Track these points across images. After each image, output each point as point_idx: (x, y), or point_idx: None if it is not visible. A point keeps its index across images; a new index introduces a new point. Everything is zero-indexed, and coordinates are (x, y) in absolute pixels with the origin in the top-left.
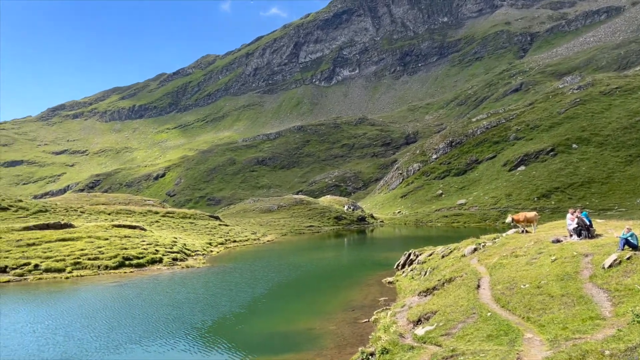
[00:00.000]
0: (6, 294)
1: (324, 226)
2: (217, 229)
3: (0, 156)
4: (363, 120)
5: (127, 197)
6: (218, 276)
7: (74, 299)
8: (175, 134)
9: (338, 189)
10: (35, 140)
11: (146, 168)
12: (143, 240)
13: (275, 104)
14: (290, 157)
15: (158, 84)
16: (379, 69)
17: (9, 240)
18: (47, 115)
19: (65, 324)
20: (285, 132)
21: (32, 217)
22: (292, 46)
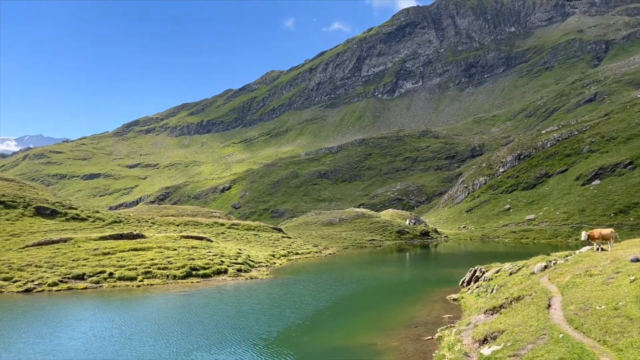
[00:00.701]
0: (84, 300)
1: (385, 240)
2: (280, 241)
3: (81, 169)
4: (426, 132)
5: (195, 209)
6: (282, 288)
7: (147, 307)
8: (241, 148)
9: (400, 203)
10: (111, 155)
11: (213, 181)
12: (209, 251)
13: (338, 118)
14: (352, 170)
15: (225, 100)
16: (443, 81)
17: (86, 249)
18: (122, 131)
19: (139, 330)
20: (347, 145)
21: (108, 228)
22: (354, 60)
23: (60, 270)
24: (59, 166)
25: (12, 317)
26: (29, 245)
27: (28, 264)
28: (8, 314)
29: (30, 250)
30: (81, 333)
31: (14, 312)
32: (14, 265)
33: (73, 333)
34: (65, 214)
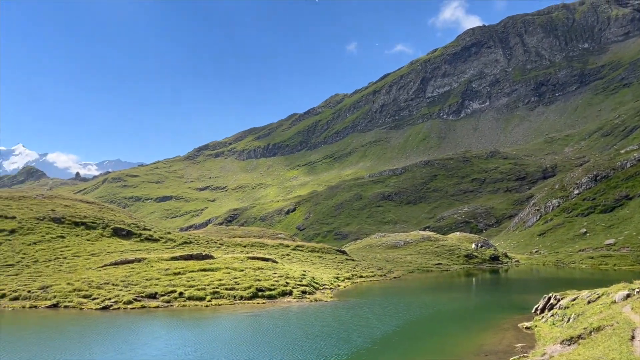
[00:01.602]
0: (157, 318)
1: (453, 264)
2: (343, 263)
3: (154, 192)
4: (495, 153)
5: (261, 230)
6: (347, 311)
7: (217, 327)
8: (305, 171)
9: (468, 226)
10: (183, 178)
11: (278, 203)
12: (275, 272)
13: (402, 139)
14: (417, 192)
15: (290, 124)
16: (511, 101)
17: (159, 269)
18: (192, 155)
19: (211, 349)
20: (411, 167)
21: (179, 248)
22: (418, 81)
23: (135, 289)
24: (135, 189)
25: (96, 333)
26: (106, 265)
27: (106, 282)
28: (91, 330)
29: (107, 269)
30: (157, 350)
31: (98, 329)
32: (93, 284)
33: (150, 350)
34: (139, 234)
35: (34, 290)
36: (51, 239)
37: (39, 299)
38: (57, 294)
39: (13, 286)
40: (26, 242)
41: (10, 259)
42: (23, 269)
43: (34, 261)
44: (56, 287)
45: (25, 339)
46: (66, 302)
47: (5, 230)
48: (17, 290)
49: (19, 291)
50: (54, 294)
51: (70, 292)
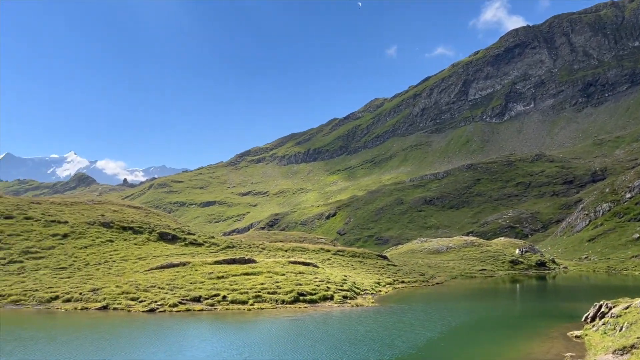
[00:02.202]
0: (202, 321)
1: (497, 270)
2: (385, 268)
3: (198, 197)
4: (540, 156)
5: (302, 235)
6: (390, 316)
7: (260, 331)
8: (345, 175)
9: (513, 231)
10: (225, 183)
11: (318, 208)
12: (316, 277)
13: (443, 143)
14: (460, 197)
15: (330, 129)
16: (557, 102)
17: (203, 273)
18: (235, 161)
19: (256, 352)
20: (453, 170)
21: (222, 252)
22: (460, 84)
23: (180, 292)
24: (179, 194)
25: (145, 335)
26: (153, 268)
27: (152, 286)
28: (140, 332)
29: (154, 272)
30: (204, 353)
31: (146, 331)
32: (140, 287)
33: (197, 353)
34: (184, 239)
35: (85, 293)
36: (101, 243)
37: (90, 300)
38: (106, 296)
39: (66, 288)
40: (78, 246)
41: (63, 262)
42: (75, 271)
43: (85, 264)
44: (106, 289)
45: (79, 339)
46: (115, 304)
47: (58, 235)
48: (70, 292)
49: (71, 293)
50: (104, 296)
51: (119, 295)
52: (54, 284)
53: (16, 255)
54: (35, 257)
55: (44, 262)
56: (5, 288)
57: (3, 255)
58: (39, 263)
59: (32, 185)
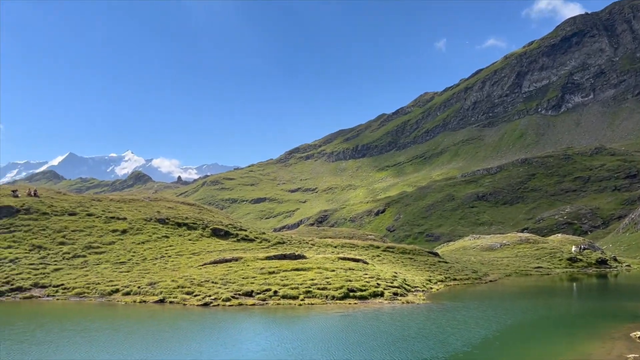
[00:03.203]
0: (254, 315)
1: (554, 268)
2: (436, 265)
3: (249, 194)
4: (600, 149)
5: (351, 231)
6: (442, 313)
7: (312, 326)
8: (394, 171)
9: (571, 227)
10: (275, 180)
11: (367, 204)
12: (365, 273)
13: (496, 137)
14: (514, 192)
15: (379, 124)
16: (619, 93)
17: (254, 268)
18: (284, 158)
19: (310, 347)
20: (507, 165)
21: (272, 248)
22: (514, 76)
23: (232, 287)
24: (231, 191)
25: (202, 328)
26: (206, 263)
27: (206, 280)
28: (197, 325)
29: (207, 267)
30: (259, 346)
31: (203, 324)
32: (195, 281)
33: (252, 346)
34: (236, 235)
35: (143, 286)
36: (157, 238)
37: (148, 294)
38: (163, 290)
39: (125, 282)
40: (136, 242)
41: (122, 256)
42: (133, 266)
43: (143, 259)
44: (162, 283)
45: (140, 331)
46: (171, 297)
47: (118, 230)
48: (129, 285)
49: (130, 287)
50: (161, 289)
51: (175, 289)
52: (114, 277)
53: (80, 250)
54: (97, 252)
55: (104, 256)
56: (70, 281)
57: (68, 249)
58: (100, 257)
59: (93, 183)
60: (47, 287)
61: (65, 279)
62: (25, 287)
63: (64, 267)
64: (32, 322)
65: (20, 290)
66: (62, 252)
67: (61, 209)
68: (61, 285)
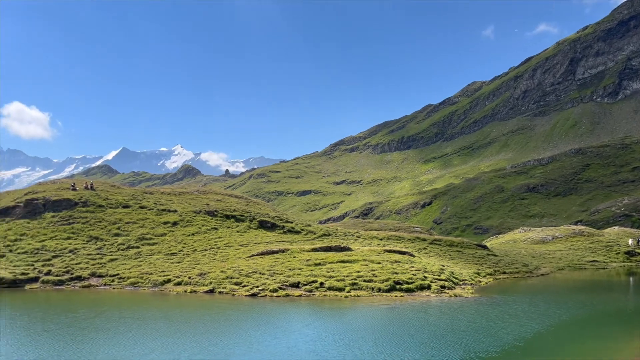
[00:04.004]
0: (301, 306)
1: (611, 262)
2: (484, 258)
3: (294, 187)
4: None
5: (397, 224)
6: (493, 307)
7: (359, 317)
8: (441, 163)
9: (629, 220)
10: (320, 173)
11: (413, 196)
12: (412, 266)
13: (548, 127)
14: (567, 184)
15: (425, 115)
16: None
17: (300, 260)
18: (329, 151)
19: (357, 338)
20: (559, 156)
21: (318, 240)
22: (567, 63)
23: (280, 278)
24: (277, 184)
25: (251, 318)
26: (254, 255)
27: (254, 271)
28: (246, 315)
29: (255, 259)
30: (308, 337)
31: (252, 314)
32: (243, 272)
33: (301, 337)
34: (282, 227)
35: (194, 277)
36: (206, 230)
37: (198, 284)
38: (212, 280)
39: (176, 272)
40: (186, 233)
41: (173, 248)
42: (184, 257)
43: (193, 250)
44: (212, 274)
45: (192, 320)
46: (220, 288)
47: (169, 223)
48: (180, 276)
49: (181, 277)
50: (210, 280)
51: (224, 279)
52: (166, 268)
53: (133, 241)
54: (150, 243)
55: (157, 247)
56: (125, 271)
57: (122, 241)
58: (153, 249)
59: (145, 177)
60: (103, 277)
61: (120, 269)
62: (84, 277)
63: (119, 257)
64: (92, 310)
65: (79, 280)
66: (117, 243)
67: (116, 202)
68: (117, 275)
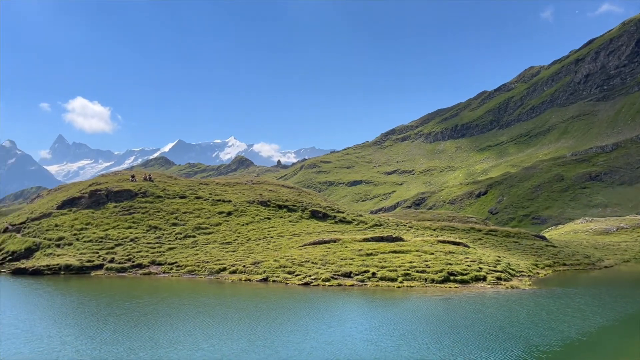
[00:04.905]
0: (354, 296)
1: None
2: (543, 249)
3: (345, 177)
4: None
5: (450, 214)
6: (553, 300)
7: (413, 307)
8: (496, 152)
9: None
10: (371, 163)
11: (467, 186)
12: (466, 257)
13: (612, 112)
14: (633, 172)
15: (479, 102)
16: None
17: (352, 250)
18: (380, 140)
19: (413, 329)
20: (625, 142)
21: (370, 230)
22: (632, 44)
23: (331, 268)
24: (328, 174)
25: (306, 307)
26: (306, 244)
27: (306, 260)
28: (301, 304)
29: (307, 248)
30: (362, 326)
31: (307, 303)
32: (295, 261)
33: (355, 326)
34: (334, 217)
35: (248, 265)
36: (259, 220)
37: (252, 273)
38: (266, 269)
39: (231, 261)
40: (240, 223)
41: (228, 237)
42: (238, 246)
43: (247, 239)
44: (265, 263)
45: (249, 308)
46: (274, 276)
47: (223, 212)
48: (235, 264)
49: (236, 266)
50: (264, 269)
51: (277, 268)
52: (222, 256)
53: (190, 231)
54: (205, 233)
55: (212, 237)
56: (183, 259)
57: (180, 230)
58: (209, 238)
59: (200, 168)
60: (162, 265)
61: (178, 257)
62: (144, 264)
63: (176, 246)
64: (153, 297)
65: (140, 267)
66: (175, 232)
67: (173, 192)
68: (175, 263)
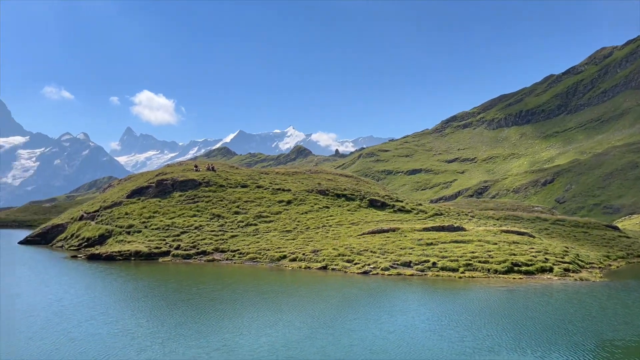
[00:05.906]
0: (414, 286)
1: None
2: (615, 240)
3: (404, 165)
4: None
5: (514, 203)
6: (627, 293)
7: (474, 298)
8: (564, 138)
9: None
10: (431, 151)
11: (532, 174)
12: (532, 247)
13: None
14: None
15: (545, 87)
16: None
17: (412, 239)
18: (440, 128)
19: (475, 321)
20: None
21: (430, 220)
22: None
23: (391, 257)
24: (386, 163)
25: (368, 296)
26: (364, 233)
27: (365, 249)
28: (363, 293)
29: (365, 237)
30: (423, 316)
31: (369, 292)
32: (354, 250)
33: (417, 315)
34: (392, 206)
35: (307, 254)
36: (318, 209)
37: (311, 261)
38: (325, 257)
39: (291, 249)
40: (299, 212)
41: (288, 225)
42: (298, 234)
43: (306, 228)
44: (324, 251)
45: (310, 295)
46: (333, 265)
47: (283, 201)
48: (295, 252)
49: (296, 254)
50: (323, 257)
51: (336, 257)
52: (282, 244)
53: (251, 219)
54: (266, 221)
55: (273, 225)
56: (244, 247)
57: (242, 218)
58: (269, 226)
59: (260, 158)
60: (225, 252)
61: (240, 245)
62: (208, 251)
63: (238, 234)
64: (218, 283)
65: (204, 254)
66: (237, 220)
67: (235, 182)
68: (237, 250)
